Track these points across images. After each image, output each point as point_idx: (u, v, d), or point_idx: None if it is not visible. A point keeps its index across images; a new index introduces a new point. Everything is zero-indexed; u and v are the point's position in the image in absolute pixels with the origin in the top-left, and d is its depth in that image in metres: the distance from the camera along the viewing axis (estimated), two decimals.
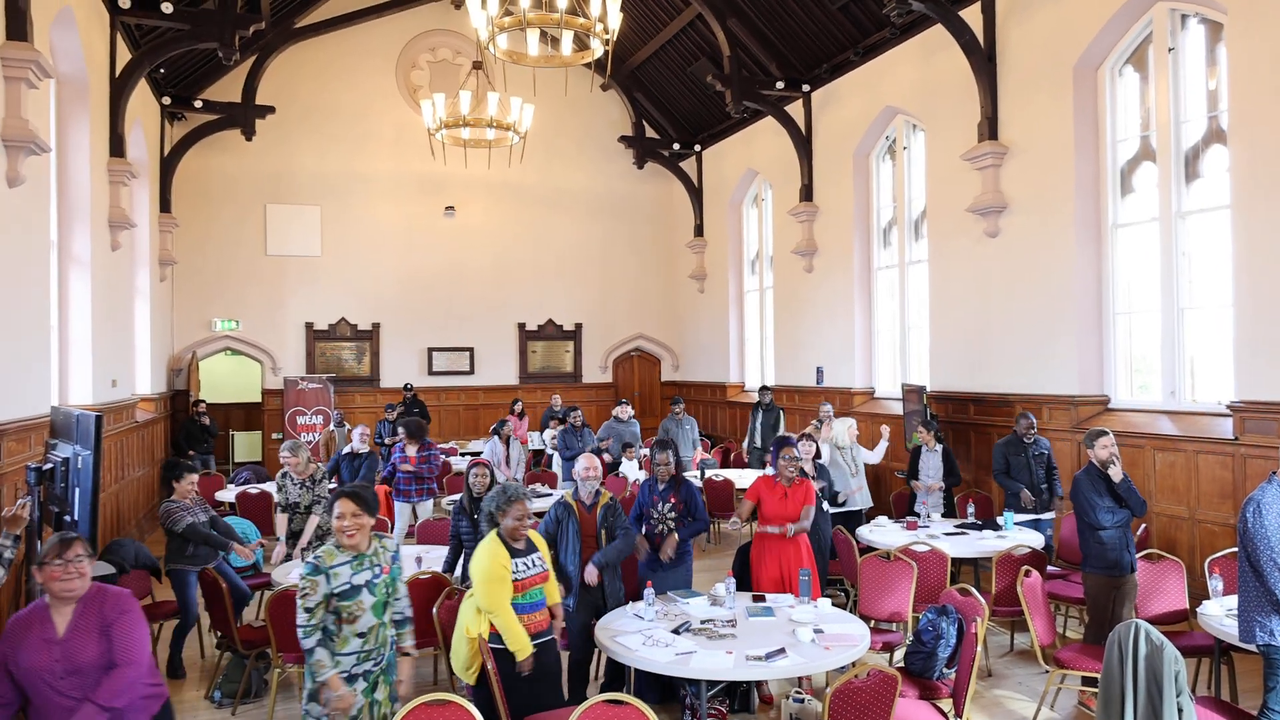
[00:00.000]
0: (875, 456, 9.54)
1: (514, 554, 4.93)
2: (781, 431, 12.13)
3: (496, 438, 11.34)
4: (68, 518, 5.87)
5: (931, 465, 9.21)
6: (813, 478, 7.27)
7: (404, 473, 9.56)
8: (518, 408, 14.54)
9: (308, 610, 4.19)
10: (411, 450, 9.61)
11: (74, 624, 3.78)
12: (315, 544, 7.55)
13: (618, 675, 5.82)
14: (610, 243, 18.84)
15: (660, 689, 5.83)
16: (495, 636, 4.84)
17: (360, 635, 4.27)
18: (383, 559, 4.38)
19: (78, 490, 5.80)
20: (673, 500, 6.48)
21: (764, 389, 13.42)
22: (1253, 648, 4.76)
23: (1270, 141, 7.56)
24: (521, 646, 4.76)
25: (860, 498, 9.15)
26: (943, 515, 8.94)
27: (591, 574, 5.76)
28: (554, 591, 5.18)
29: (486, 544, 4.95)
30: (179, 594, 7.03)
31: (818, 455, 8.05)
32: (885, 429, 9.38)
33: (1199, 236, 8.75)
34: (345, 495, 4.33)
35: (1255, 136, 7.70)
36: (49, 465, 6.05)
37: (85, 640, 3.77)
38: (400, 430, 9.88)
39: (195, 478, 7.23)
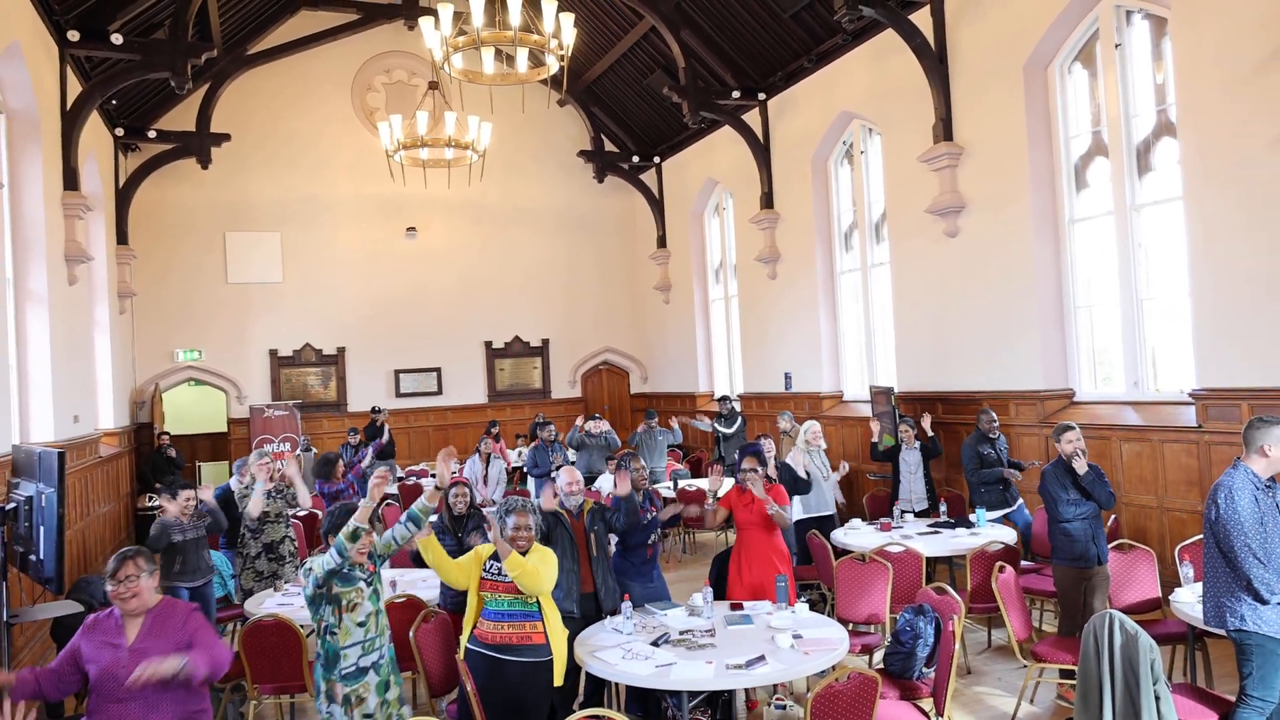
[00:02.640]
0: (834, 477, 9.50)
1: (497, 557, 4.95)
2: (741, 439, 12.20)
3: (476, 456, 11.34)
4: (33, 557, 5.75)
5: (912, 461, 9.29)
6: (772, 480, 7.27)
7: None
8: (495, 430, 14.47)
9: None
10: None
11: (145, 633, 3.93)
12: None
13: (598, 691, 5.80)
14: (574, 257, 18.83)
15: (642, 702, 5.81)
16: (475, 639, 4.90)
17: (360, 624, 4.42)
18: (366, 563, 4.59)
19: (42, 529, 5.68)
20: (654, 510, 6.55)
21: (724, 398, 13.45)
22: (1222, 632, 4.79)
23: (1218, 132, 7.70)
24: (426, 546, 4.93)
25: (831, 501, 9.11)
26: (928, 508, 9.04)
27: (625, 482, 6.13)
28: (515, 567, 4.88)
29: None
30: None
31: (776, 454, 8.11)
32: (845, 465, 9.44)
33: (1154, 228, 8.89)
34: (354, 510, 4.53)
35: (1203, 128, 7.84)
36: (12, 505, 5.93)
37: (156, 649, 3.87)
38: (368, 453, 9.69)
39: (189, 494, 7.15)
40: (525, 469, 11.97)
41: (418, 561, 6.96)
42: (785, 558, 6.51)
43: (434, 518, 7.04)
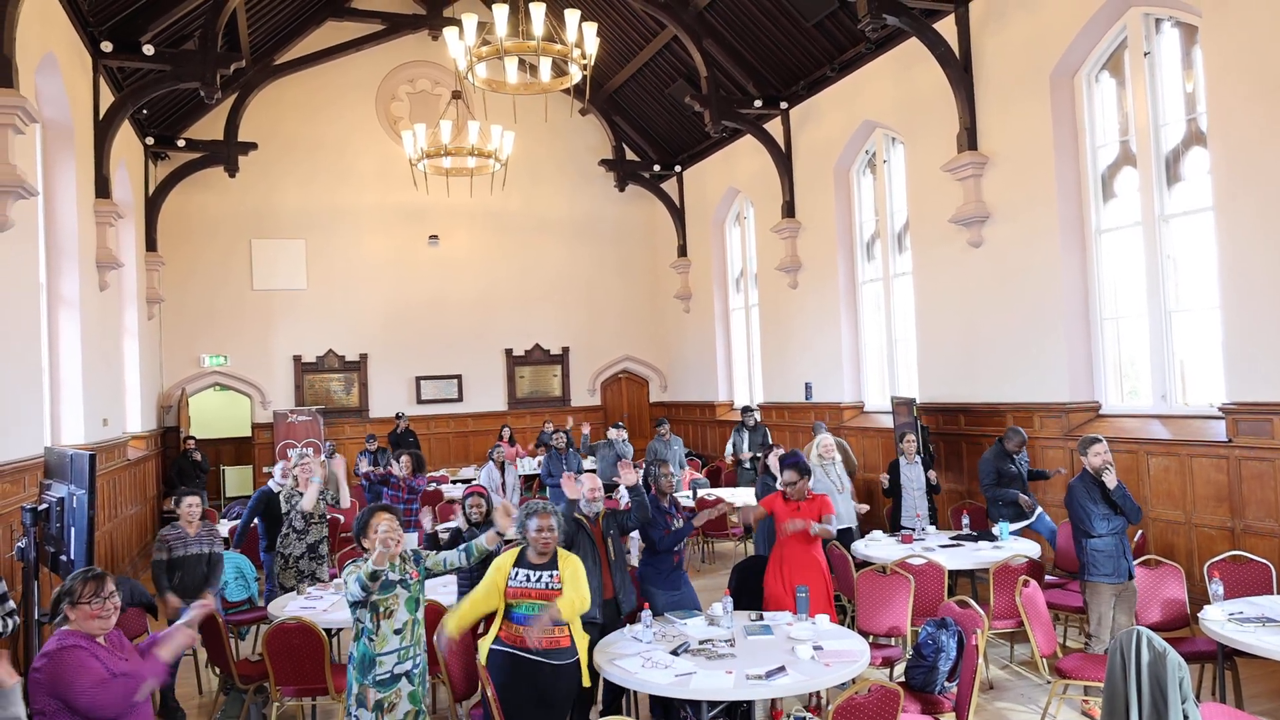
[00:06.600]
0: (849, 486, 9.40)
1: (521, 564, 4.97)
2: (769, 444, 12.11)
3: (491, 463, 11.36)
4: (64, 557, 5.84)
5: (914, 477, 9.19)
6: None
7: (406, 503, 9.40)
8: (506, 434, 14.54)
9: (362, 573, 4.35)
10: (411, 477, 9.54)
11: (125, 650, 4.00)
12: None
13: (616, 699, 5.79)
14: (595, 266, 18.87)
15: (662, 712, 5.79)
16: (501, 640, 4.89)
17: (397, 632, 4.49)
18: (408, 566, 4.65)
19: (73, 529, 5.77)
20: (680, 517, 6.53)
21: (746, 409, 13.42)
22: (1253, 651, 4.72)
23: (1250, 141, 7.61)
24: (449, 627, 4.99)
25: (848, 514, 9.01)
26: (933, 524, 8.93)
27: (630, 472, 6.12)
28: (567, 610, 4.97)
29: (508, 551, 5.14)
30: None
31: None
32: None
33: (1183, 239, 8.80)
34: (382, 510, 4.61)
35: (1234, 137, 7.76)
36: (44, 506, 6.02)
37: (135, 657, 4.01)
38: (401, 459, 9.75)
39: (194, 500, 7.16)
40: (541, 478, 12.00)
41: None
42: (823, 568, 6.47)
43: (450, 524, 7.12)
